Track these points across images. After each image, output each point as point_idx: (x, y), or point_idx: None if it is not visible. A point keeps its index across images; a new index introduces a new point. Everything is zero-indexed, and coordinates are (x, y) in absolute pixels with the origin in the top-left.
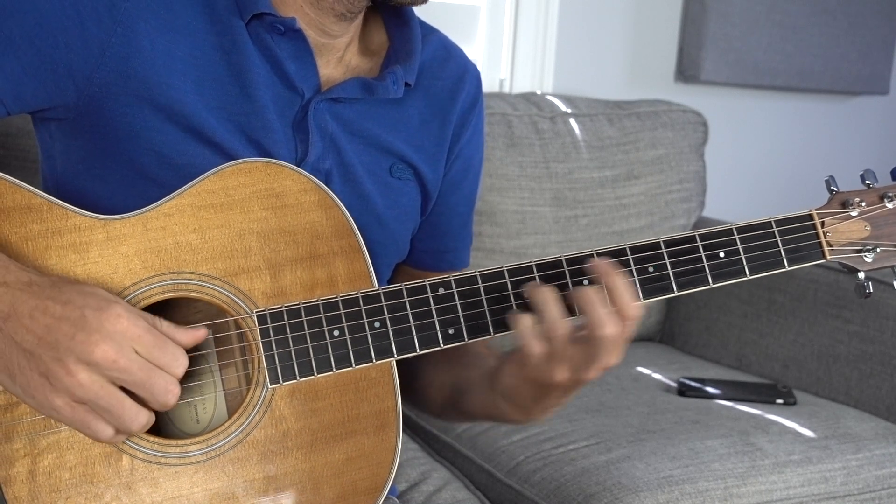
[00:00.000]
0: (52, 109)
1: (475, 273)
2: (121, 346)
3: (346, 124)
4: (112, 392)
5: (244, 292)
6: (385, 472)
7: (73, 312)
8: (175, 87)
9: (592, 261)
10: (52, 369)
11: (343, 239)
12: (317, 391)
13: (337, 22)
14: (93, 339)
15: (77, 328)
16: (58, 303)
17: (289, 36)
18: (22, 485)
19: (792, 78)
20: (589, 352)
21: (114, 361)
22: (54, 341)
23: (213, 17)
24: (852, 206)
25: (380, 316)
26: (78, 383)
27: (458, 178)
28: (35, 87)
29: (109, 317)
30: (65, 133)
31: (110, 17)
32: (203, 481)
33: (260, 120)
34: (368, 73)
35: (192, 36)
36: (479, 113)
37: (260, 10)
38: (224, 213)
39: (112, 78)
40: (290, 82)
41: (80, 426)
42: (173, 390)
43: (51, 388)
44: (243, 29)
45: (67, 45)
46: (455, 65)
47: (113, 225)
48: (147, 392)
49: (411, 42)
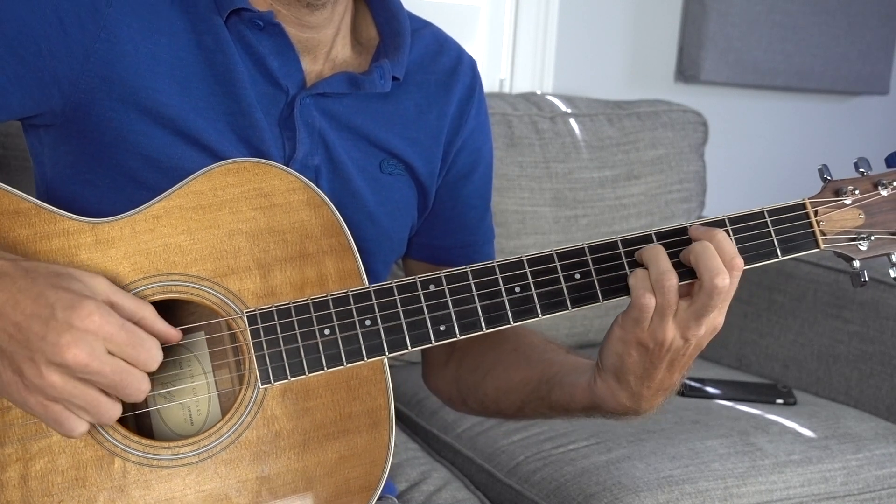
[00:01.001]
0: (39, 116)
1: (466, 269)
2: (92, 348)
3: (334, 120)
4: (85, 391)
5: (234, 293)
6: (378, 471)
7: (44, 310)
8: (160, 90)
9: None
10: (24, 368)
11: (332, 237)
12: (308, 390)
13: (310, 12)
14: (63, 341)
15: (48, 328)
16: (29, 297)
17: (268, 31)
18: (14, 489)
19: (792, 78)
20: (698, 304)
21: (86, 365)
22: (25, 340)
23: (194, 17)
24: (846, 194)
25: (370, 314)
26: (50, 384)
27: (467, 169)
28: (21, 95)
29: (81, 315)
30: (53, 138)
31: (93, 23)
32: (195, 483)
33: (247, 118)
34: (357, 68)
35: (176, 37)
36: (478, 103)
37: (237, 5)
38: (213, 214)
39: (97, 83)
40: (273, 79)
41: (54, 424)
42: (145, 388)
43: (24, 386)
44: (223, 27)
45: (51, 52)
46: (448, 57)
47: (101, 228)
48: (119, 392)
49: (400, 36)
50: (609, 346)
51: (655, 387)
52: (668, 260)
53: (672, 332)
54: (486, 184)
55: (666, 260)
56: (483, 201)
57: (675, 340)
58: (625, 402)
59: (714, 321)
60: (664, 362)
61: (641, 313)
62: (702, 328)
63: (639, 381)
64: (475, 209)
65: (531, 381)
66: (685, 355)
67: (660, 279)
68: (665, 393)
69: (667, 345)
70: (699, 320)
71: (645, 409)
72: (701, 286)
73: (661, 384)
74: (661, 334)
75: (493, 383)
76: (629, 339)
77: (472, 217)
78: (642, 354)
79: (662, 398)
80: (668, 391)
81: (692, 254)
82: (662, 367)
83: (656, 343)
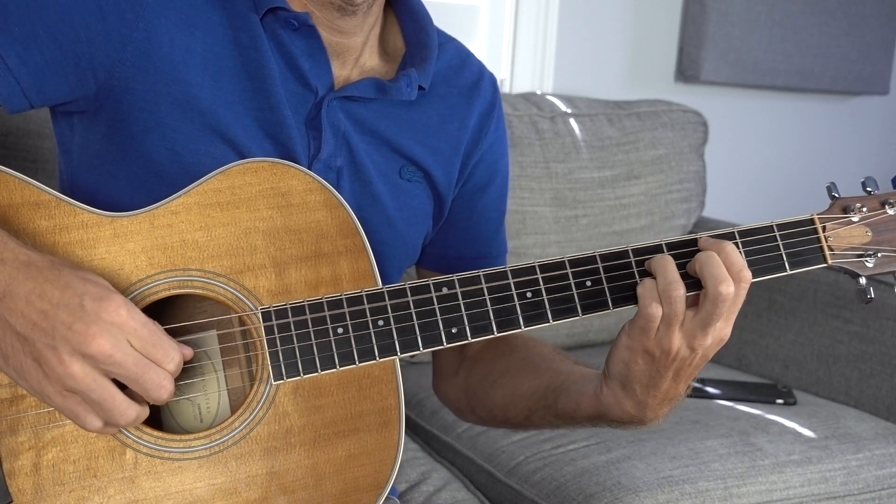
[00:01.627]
0: (73, 102)
1: (479, 273)
2: (117, 340)
3: (358, 123)
4: (104, 385)
5: (249, 290)
6: (387, 470)
7: (72, 300)
8: (193, 82)
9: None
10: (46, 356)
11: (348, 238)
12: (320, 388)
13: (340, 17)
14: (90, 332)
15: (75, 317)
16: (56, 287)
17: (302, 32)
18: (26, 478)
19: (792, 78)
20: (704, 313)
21: (109, 356)
22: (50, 328)
23: (231, 12)
24: (853, 211)
25: (384, 314)
26: (70, 374)
27: (484, 182)
28: (58, 80)
29: (109, 307)
30: (85, 126)
31: (132, 13)
32: (206, 476)
33: (275, 115)
34: (384, 76)
35: (211, 32)
36: (497, 118)
37: (274, 3)
38: (230, 212)
39: (132, 72)
40: (304, 79)
41: (70, 415)
42: (166, 386)
43: (43, 374)
44: (259, 25)
45: (90, 40)
46: (470, 72)
47: (120, 222)
48: (140, 387)
49: (428, 48)
50: (615, 354)
51: (661, 396)
52: (677, 270)
53: (678, 342)
54: (501, 197)
55: (674, 270)
56: (498, 213)
57: (682, 350)
58: (630, 410)
59: (720, 332)
60: (670, 371)
61: (648, 322)
62: (708, 338)
63: (644, 389)
64: (490, 221)
65: (538, 389)
66: (691, 365)
67: (667, 289)
68: (671, 403)
69: (673, 354)
70: (705, 330)
71: (650, 419)
72: (706, 294)
73: (667, 393)
74: (667, 343)
75: (501, 392)
76: (636, 347)
77: (486, 229)
78: (648, 363)
79: (668, 408)
80: (673, 401)
81: (697, 263)
82: (668, 377)
83: (662, 352)
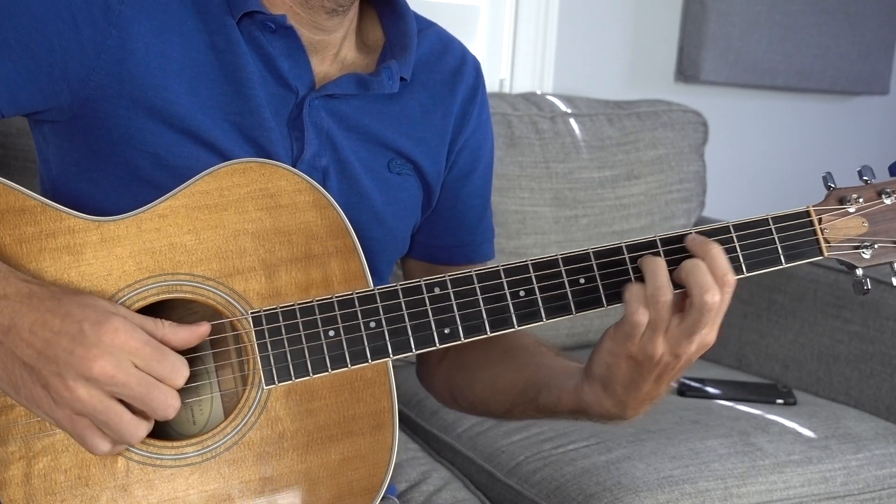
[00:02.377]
0: (46, 112)
1: (471, 273)
2: (119, 361)
3: (342, 120)
4: (111, 406)
5: (239, 293)
6: (381, 473)
7: (72, 327)
8: (169, 88)
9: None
10: (52, 383)
11: (338, 239)
12: (312, 392)
13: (329, 17)
14: (91, 355)
15: (76, 343)
16: (57, 316)
17: (280, 34)
18: (17, 488)
19: (792, 78)
20: (690, 321)
21: (112, 377)
22: (53, 356)
23: (206, 17)
24: (850, 202)
25: (375, 316)
26: (77, 398)
27: (467, 169)
28: (30, 90)
29: (107, 331)
30: (58, 135)
31: (105, 20)
32: (199, 483)
33: (255, 119)
34: (365, 69)
35: (186, 37)
36: (481, 103)
37: (250, 8)
38: (218, 214)
39: (107, 80)
40: (283, 80)
41: (79, 439)
42: (173, 403)
43: (52, 401)
44: (235, 28)
45: (62, 48)
46: (453, 57)
47: (107, 227)
48: (146, 406)
49: (407, 37)
50: (598, 357)
51: (642, 397)
52: (667, 274)
53: (662, 348)
54: (485, 183)
55: (664, 274)
56: (482, 200)
57: (665, 356)
58: (610, 408)
59: (705, 338)
60: (653, 375)
61: (634, 329)
62: (692, 345)
63: (626, 390)
64: (474, 209)
65: (519, 383)
66: (674, 369)
67: (655, 294)
68: (651, 401)
69: (656, 359)
70: (690, 337)
71: (630, 416)
72: (691, 303)
73: (648, 395)
74: (651, 349)
75: (482, 384)
76: (619, 352)
77: (470, 217)
78: (631, 367)
79: (649, 406)
80: (654, 400)
81: (683, 271)
82: (650, 380)
83: (646, 357)
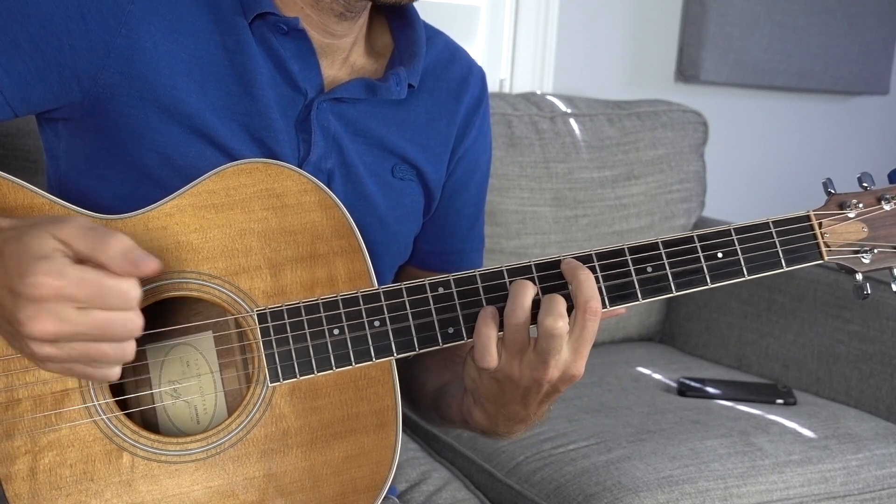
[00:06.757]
0: (57, 110)
1: (475, 273)
2: (57, 313)
3: (349, 124)
4: (84, 351)
5: (245, 291)
6: (385, 471)
7: (2, 291)
8: (179, 87)
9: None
10: (21, 347)
11: (343, 239)
12: (317, 389)
13: (339, 21)
14: (28, 316)
15: (16, 307)
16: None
17: (292, 36)
18: (23, 482)
19: (791, 78)
20: (540, 347)
21: (58, 333)
22: (6, 322)
23: (217, 17)
24: (850, 207)
25: (379, 315)
26: (47, 356)
27: (464, 178)
28: (41, 89)
29: (35, 284)
30: (70, 132)
31: (115, 19)
32: (203, 479)
33: (263, 119)
34: (373, 75)
35: (196, 36)
36: (483, 114)
37: (263, 9)
38: (225, 213)
39: (116, 79)
40: (293, 82)
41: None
42: (133, 325)
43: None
44: (247, 29)
45: (72, 48)
46: (459, 66)
47: (114, 224)
48: (110, 341)
49: (416, 44)
50: (465, 370)
51: (511, 416)
52: (529, 297)
53: (518, 371)
54: (480, 193)
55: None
56: (475, 210)
57: (524, 380)
58: (482, 421)
59: (567, 367)
60: (517, 396)
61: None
62: (549, 371)
63: (493, 406)
64: (466, 218)
65: (435, 390)
66: (539, 394)
67: (508, 314)
68: (524, 423)
69: (515, 381)
70: (546, 363)
71: (503, 432)
72: (538, 328)
73: (517, 415)
74: (508, 370)
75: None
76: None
77: (461, 226)
78: (493, 385)
79: (523, 427)
80: (525, 422)
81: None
82: (516, 400)
83: (504, 377)
